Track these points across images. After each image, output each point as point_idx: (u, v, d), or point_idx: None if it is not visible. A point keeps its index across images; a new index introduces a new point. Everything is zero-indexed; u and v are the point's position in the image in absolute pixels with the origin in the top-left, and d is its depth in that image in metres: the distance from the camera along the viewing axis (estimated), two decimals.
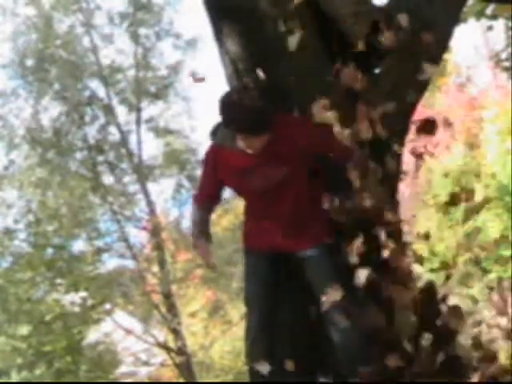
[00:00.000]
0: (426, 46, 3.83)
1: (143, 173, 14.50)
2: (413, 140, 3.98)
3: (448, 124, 4.27)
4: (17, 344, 11.94)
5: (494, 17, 8.00)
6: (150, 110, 14.87)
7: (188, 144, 15.00)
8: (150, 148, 15.38)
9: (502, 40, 9.47)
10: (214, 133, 3.75)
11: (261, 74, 3.79)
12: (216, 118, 3.72)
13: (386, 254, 3.69)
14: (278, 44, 3.92)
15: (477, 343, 3.92)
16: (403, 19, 3.81)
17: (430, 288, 3.87)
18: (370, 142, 3.74)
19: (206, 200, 3.97)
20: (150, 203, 14.57)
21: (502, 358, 3.52)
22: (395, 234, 3.98)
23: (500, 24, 8.61)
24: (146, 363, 14.65)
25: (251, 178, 3.62)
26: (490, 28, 8.70)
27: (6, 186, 13.83)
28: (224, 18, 4.11)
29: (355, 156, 3.62)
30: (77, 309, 12.63)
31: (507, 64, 9.30)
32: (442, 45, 4.11)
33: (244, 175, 3.62)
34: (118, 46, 14.62)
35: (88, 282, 12.86)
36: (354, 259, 3.54)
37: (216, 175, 3.73)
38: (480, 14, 7.93)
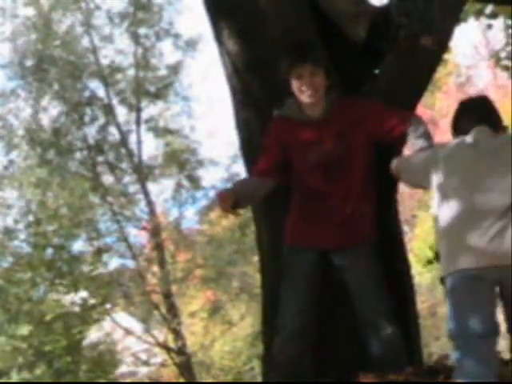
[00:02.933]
0: (425, 47, 3.83)
1: (143, 173, 14.50)
2: None
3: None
4: (17, 344, 11.92)
5: (493, 15, 7.99)
6: (149, 109, 14.85)
7: (188, 144, 14.98)
8: (150, 148, 15.37)
9: (502, 38, 9.46)
10: (280, 106, 3.77)
11: None
12: (216, 117, 3.76)
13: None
14: (277, 43, 3.92)
15: None
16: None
17: None
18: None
19: (259, 174, 3.72)
20: (149, 203, 14.56)
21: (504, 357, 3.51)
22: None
23: (500, 23, 8.60)
24: (146, 363, 14.65)
25: (312, 150, 3.64)
26: (489, 27, 8.69)
27: (6, 185, 13.82)
28: (224, 17, 4.12)
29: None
30: (77, 309, 12.62)
31: (507, 63, 9.29)
32: (442, 45, 4.12)
33: (306, 148, 3.65)
34: (117, 45, 14.61)
35: (88, 281, 12.85)
36: None
37: (277, 147, 3.70)
38: (479, 13, 7.92)
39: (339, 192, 3.64)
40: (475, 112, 3.41)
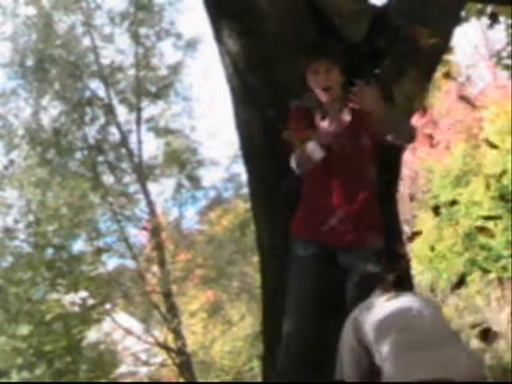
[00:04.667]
0: (424, 47, 3.83)
1: (143, 173, 14.49)
2: None
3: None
4: (17, 344, 11.92)
5: (494, 15, 7.96)
6: (150, 109, 14.85)
7: (188, 144, 14.98)
8: (150, 148, 15.38)
9: (503, 38, 9.46)
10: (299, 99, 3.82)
11: None
12: (216, 117, 3.79)
13: None
14: (277, 43, 3.92)
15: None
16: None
17: None
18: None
19: None
20: (150, 203, 14.56)
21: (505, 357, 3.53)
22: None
23: (500, 22, 8.57)
24: (146, 363, 14.64)
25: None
26: (491, 26, 8.66)
27: (6, 185, 13.82)
28: (224, 17, 4.11)
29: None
30: (77, 309, 12.61)
31: (508, 62, 9.29)
32: (441, 45, 4.12)
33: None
34: (118, 45, 14.61)
35: (88, 281, 12.84)
36: None
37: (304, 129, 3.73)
38: (480, 13, 7.90)
39: (347, 188, 3.67)
40: None
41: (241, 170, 14.22)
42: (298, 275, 3.72)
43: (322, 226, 3.67)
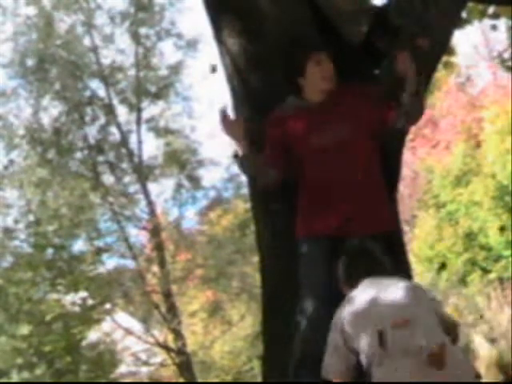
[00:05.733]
0: (423, 48, 3.84)
1: (143, 173, 14.49)
2: (413, 140, 3.99)
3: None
4: (17, 344, 11.92)
5: (495, 16, 7.96)
6: (150, 109, 14.85)
7: (188, 144, 14.98)
8: (150, 148, 15.36)
9: (504, 39, 9.46)
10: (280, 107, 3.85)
11: None
12: (216, 117, 3.79)
13: None
14: (278, 43, 3.92)
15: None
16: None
17: None
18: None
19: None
20: (150, 203, 14.56)
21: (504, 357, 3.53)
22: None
23: (501, 23, 8.58)
24: (146, 363, 14.64)
25: (317, 134, 3.68)
26: (493, 27, 8.65)
27: (6, 185, 13.82)
28: (224, 17, 4.12)
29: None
30: (77, 309, 12.62)
31: (509, 64, 9.29)
32: (440, 46, 4.12)
33: (310, 131, 3.69)
34: (118, 45, 14.60)
35: (88, 281, 12.84)
36: None
37: (281, 137, 3.76)
38: (482, 14, 7.89)
39: (343, 177, 3.67)
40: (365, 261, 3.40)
41: None
42: (309, 272, 3.70)
43: (325, 217, 3.67)
